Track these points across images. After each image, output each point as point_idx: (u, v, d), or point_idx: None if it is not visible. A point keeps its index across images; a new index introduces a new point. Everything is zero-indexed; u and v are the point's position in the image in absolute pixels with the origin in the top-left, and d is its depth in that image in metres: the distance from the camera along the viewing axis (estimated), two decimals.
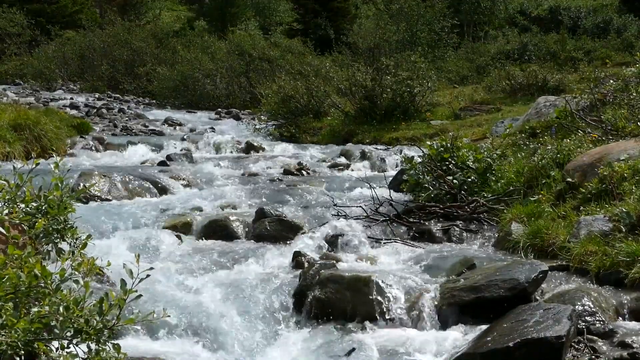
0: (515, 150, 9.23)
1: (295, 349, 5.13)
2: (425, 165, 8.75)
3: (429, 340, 5.02)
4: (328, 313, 5.48)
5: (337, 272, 5.89)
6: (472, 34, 36.23)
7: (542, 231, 6.34)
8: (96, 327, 2.86)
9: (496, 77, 20.76)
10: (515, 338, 4.34)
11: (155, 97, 26.39)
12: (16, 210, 3.26)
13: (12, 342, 2.73)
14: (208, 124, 19.87)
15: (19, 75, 30.06)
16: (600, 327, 4.78)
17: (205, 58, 26.48)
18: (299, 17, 41.11)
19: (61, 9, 38.15)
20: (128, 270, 2.93)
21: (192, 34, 34.77)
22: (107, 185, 9.10)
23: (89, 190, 8.17)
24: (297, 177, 11.57)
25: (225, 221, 7.68)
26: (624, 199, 6.18)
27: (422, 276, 6.01)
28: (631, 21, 32.03)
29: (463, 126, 15.73)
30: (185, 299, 5.45)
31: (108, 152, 13.73)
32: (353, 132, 16.73)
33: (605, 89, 10.10)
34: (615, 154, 6.98)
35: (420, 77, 17.44)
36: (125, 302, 2.91)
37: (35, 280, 2.85)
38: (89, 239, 3.35)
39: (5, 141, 11.32)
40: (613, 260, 5.42)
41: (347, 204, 8.48)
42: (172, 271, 6.27)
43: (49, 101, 21.87)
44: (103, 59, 29.51)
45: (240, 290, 5.74)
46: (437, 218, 7.83)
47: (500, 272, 5.41)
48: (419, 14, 26.53)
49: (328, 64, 22.85)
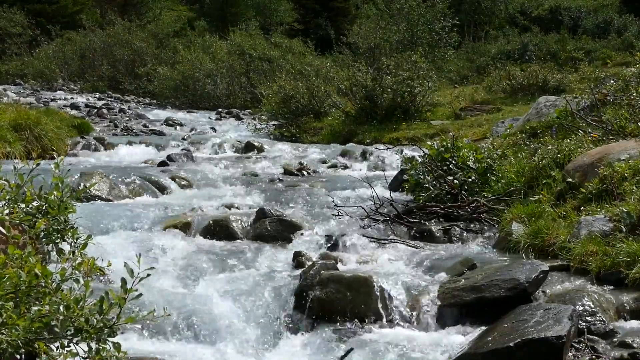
0: (516, 151, 9.23)
1: (295, 349, 5.14)
2: (426, 165, 8.75)
3: (430, 340, 5.02)
4: (328, 313, 5.49)
5: (337, 272, 5.89)
6: (473, 34, 36.27)
7: (543, 231, 6.34)
8: (96, 326, 2.86)
9: (496, 77, 20.77)
10: (516, 338, 4.34)
11: (156, 97, 26.42)
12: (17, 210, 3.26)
13: (12, 341, 2.73)
14: (208, 124, 19.89)
15: (20, 75, 30.08)
16: (601, 327, 4.78)
17: (205, 58, 26.50)
18: (300, 17, 41.14)
19: (61, 9, 38.15)
20: (129, 269, 2.94)
21: (193, 34, 34.79)
22: (107, 185, 9.10)
23: (89, 190, 8.17)
24: (297, 177, 11.58)
25: (226, 221, 7.69)
26: (625, 199, 6.17)
27: (423, 276, 6.01)
28: (632, 21, 32.05)
29: (463, 126, 15.73)
30: (185, 299, 5.45)
31: (109, 152, 13.73)
32: (353, 132, 16.73)
33: (606, 89, 10.09)
34: (616, 154, 6.98)
35: (421, 77, 17.44)
36: (125, 301, 2.91)
37: (36, 280, 2.85)
38: (89, 239, 3.35)
39: (6, 141, 11.33)
40: (613, 261, 5.42)
41: (347, 204, 8.48)
42: (173, 271, 6.27)
43: (49, 101, 21.88)
44: (103, 59, 29.54)
45: (240, 290, 5.74)
46: (437, 218, 7.83)
47: (500, 272, 5.41)
48: (419, 14, 26.53)
49: (328, 64, 22.87)
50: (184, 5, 46.69)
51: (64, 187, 3.36)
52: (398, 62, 17.83)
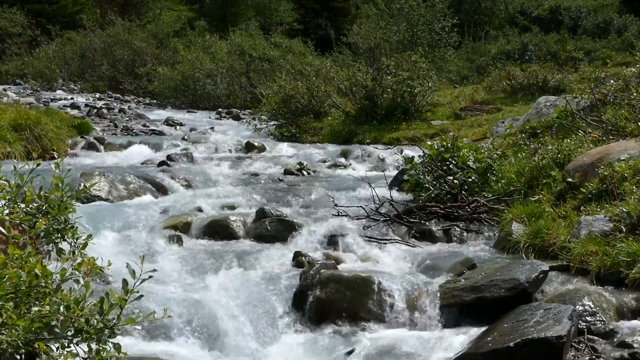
0: (516, 151, 9.22)
1: (295, 349, 5.14)
2: (426, 165, 8.75)
3: (430, 340, 5.02)
4: (328, 313, 5.49)
5: (337, 272, 5.89)
6: (473, 34, 36.27)
7: (543, 231, 6.34)
8: (97, 327, 2.86)
9: (497, 77, 20.76)
10: (516, 338, 4.35)
11: (156, 97, 26.41)
12: (17, 210, 3.26)
13: (12, 341, 2.73)
14: (208, 124, 19.87)
15: (20, 75, 30.08)
16: (601, 327, 4.78)
17: (205, 58, 26.50)
18: (300, 17, 41.13)
19: (62, 9, 38.16)
20: (131, 270, 2.93)
21: (193, 34, 34.79)
22: (107, 185, 9.10)
23: (89, 190, 8.16)
24: (297, 177, 11.57)
25: (226, 221, 7.69)
26: (625, 199, 6.18)
27: (423, 276, 6.01)
28: (632, 21, 32.06)
29: (463, 126, 15.72)
30: (185, 299, 5.45)
31: (109, 152, 13.72)
32: (353, 132, 16.72)
33: (606, 89, 10.09)
34: (616, 154, 6.98)
35: (421, 77, 17.43)
36: (126, 302, 2.91)
37: (36, 280, 2.85)
38: (89, 239, 3.35)
39: (6, 141, 11.31)
40: (613, 261, 5.42)
41: (347, 204, 8.48)
42: (173, 271, 6.27)
43: (49, 101, 21.87)
44: (103, 59, 29.53)
45: (240, 290, 5.74)
46: (437, 218, 7.83)
47: (500, 272, 5.41)
48: (419, 14, 26.53)
49: (328, 64, 22.85)
50: (184, 5, 46.70)
51: (64, 187, 3.35)
52: (398, 62, 17.81)
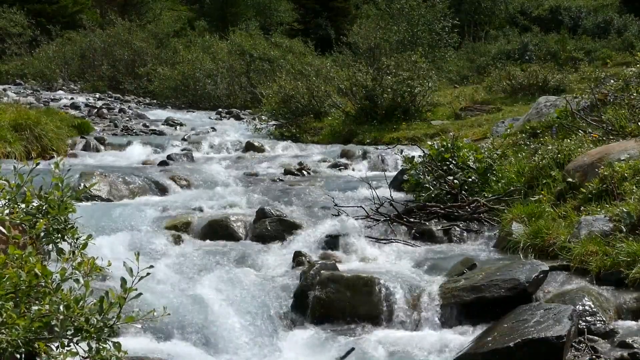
0: (516, 151, 9.23)
1: (295, 349, 5.14)
2: (426, 165, 8.75)
3: (430, 340, 5.02)
4: (328, 313, 5.49)
5: (337, 272, 5.89)
6: (473, 34, 36.25)
7: (543, 231, 6.34)
8: (96, 326, 2.86)
9: (497, 77, 20.75)
10: (516, 338, 4.35)
11: (156, 97, 26.40)
12: (17, 210, 3.26)
13: (12, 341, 2.73)
14: (209, 124, 19.87)
15: (20, 75, 30.06)
16: (601, 327, 4.78)
17: (206, 58, 26.48)
18: (300, 17, 41.11)
19: (62, 9, 38.14)
20: (128, 268, 2.94)
21: (193, 34, 34.77)
22: (107, 185, 9.10)
23: (89, 190, 8.15)
24: (297, 177, 11.58)
25: (226, 221, 7.69)
26: (625, 199, 6.18)
27: (423, 276, 6.01)
28: (632, 21, 32.04)
29: (464, 126, 15.71)
30: (185, 299, 5.45)
31: (109, 152, 13.73)
32: (354, 132, 16.72)
33: (606, 89, 10.09)
34: (616, 154, 6.98)
35: (421, 77, 17.42)
36: (125, 300, 2.91)
37: (36, 280, 2.85)
38: (89, 239, 3.35)
39: (6, 141, 11.32)
40: (614, 261, 5.43)
41: (347, 204, 8.48)
42: (173, 271, 6.27)
43: (49, 101, 21.86)
44: (104, 59, 29.51)
45: (240, 290, 5.74)
46: (437, 218, 7.83)
47: (500, 272, 5.41)
48: (419, 14, 26.52)
49: (329, 64, 22.85)
50: (184, 5, 46.67)
51: (64, 187, 3.35)
52: (398, 62, 17.81)
